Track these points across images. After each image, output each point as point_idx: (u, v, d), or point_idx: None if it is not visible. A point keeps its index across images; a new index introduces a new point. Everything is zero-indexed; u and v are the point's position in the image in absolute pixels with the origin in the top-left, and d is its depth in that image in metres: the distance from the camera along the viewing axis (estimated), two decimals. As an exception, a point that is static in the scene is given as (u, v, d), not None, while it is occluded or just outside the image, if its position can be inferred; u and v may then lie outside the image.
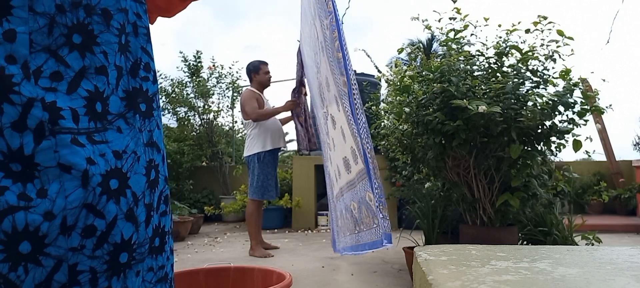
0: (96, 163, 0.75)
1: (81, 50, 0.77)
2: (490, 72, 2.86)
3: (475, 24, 2.96)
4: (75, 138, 0.73)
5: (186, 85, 7.43)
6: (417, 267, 1.02)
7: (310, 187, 6.47)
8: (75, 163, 0.72)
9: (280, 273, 1.91)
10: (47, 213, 0.69)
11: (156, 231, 0.85)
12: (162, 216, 0.87)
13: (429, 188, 3.54)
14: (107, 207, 0.75)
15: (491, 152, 2.72)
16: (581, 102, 2.62)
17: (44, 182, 0.69)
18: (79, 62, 0.76)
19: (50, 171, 0.70)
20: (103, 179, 0.75)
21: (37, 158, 0.69)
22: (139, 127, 0.84)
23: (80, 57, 0.77)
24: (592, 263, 0.98)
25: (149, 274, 0.83)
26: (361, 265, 3.62)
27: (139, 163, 0.82)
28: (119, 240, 0.76)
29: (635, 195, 6.41)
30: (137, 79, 0.86)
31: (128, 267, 0.79)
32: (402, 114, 3.02)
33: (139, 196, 0.81)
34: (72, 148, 0.72)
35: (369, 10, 24.40)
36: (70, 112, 0.73)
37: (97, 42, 0.79)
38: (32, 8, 0.71)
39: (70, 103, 0.74)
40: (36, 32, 0.72)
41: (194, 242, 5.10)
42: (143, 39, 0.88)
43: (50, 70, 0.73)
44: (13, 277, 0.65)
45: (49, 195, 0.69)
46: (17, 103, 0.68)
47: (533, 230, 2.96)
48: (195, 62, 7.46)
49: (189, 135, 7.42)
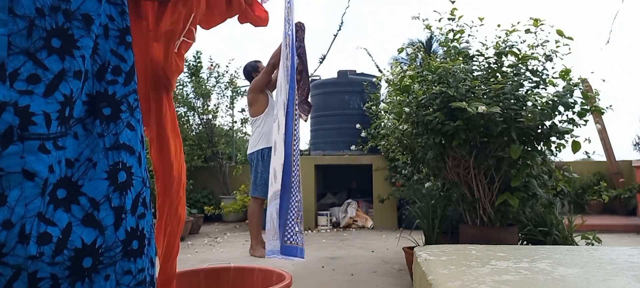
0: (54, 172, 0.75)
1: (61, 54, 0.77)
2: (489, 72, 2.86)
3: (471, 25, 2.96)
4: (43, 144, 0.73)
5: (185, 85, 7.43)
6: (417, 267, 1.02)
7: (310, 187, 6.47)
8: (38, 171, 0.72)
9: (280, 273, 1.91)
10: (5, 222, 0.68)
11: (132, 233, 0.84)
12: (139, 218, 0.86)
13: (429, 188, 3.54)
14: (56, 215, 0.75)
15: (491, 152, 2.72)
16: (581, 102, 2.62)
17: (4, 188, 0.68)
18: (59, 64, 0.76)
19: (12, 177, 0.69)
20: (53, 188, 0.75)
21: (2, 163, 0.68)
22: (98, 132, 0.84)
23: (60, 60, 0.77)
24: (592, 263, 0.98)
25: (125, 277, 0.82)
26: (361, 265, 3.63)
27: (95, 170, 0.81)
28: (79, 245, 0.76)
29: (635, 195, 6.41)
30: (103, 82, 0.85)
31: (94, 271, 0.79)
32: (402, 114, 3.02)
33: (99, 200, 0.80)
34: (38, 155, 0.72)
35: (369, 10, 24.41)
36: (43, 117, 0.73)
37: (77, 46, 0.79)
38: (12, 10, 0.71)
39: (46, 107, 0.74)
40: (15, 35, 0.71)
41: (194, 242, 5.10)
42: (114, 41, 0.88)
43: (28, 73, 0.73)
44: None
45: (8, 202, 0.68)
46: None
47: (533, 230, 2.95)
48: (195, 62, 7.46)
49: (188, 135, 7.42)
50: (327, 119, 6.68)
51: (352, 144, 6.29)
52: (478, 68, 2.92)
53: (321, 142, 6.75)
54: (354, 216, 6.27)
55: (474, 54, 2.95)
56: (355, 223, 6.24)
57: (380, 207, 6.22)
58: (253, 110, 4.27)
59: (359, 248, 4.50)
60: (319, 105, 6.78)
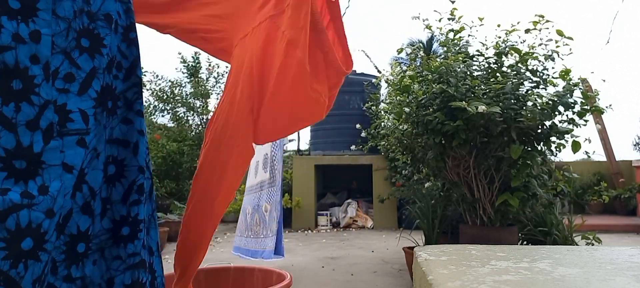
0: (83, 165, 0.80)
1: (91, 53, 0.82)
2: (489, 72, 2.86)
3: (471, 25, 2.97)
4: (82, 138, 0.79)
5: (184, 85, 7.44)
6: (417, 267, 1.02)
7: (310, 187, 6.47)
8: (75, 163, 0.77)
9: (280, 273, 1.91)
10: (48, 211, 0.72)
11: (123, 221, 0.88)
12: (131, 205, 0.89)
13: (429, 188, 3.54)
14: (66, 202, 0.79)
15: (491, 152, 2.72)
16: (581, 102, 2.62)
17: (45, 179, 0.73)
18: (90, 63, 0.82)
19: (53, 169, 0.74)
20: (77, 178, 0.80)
21: (45, 157, 0.73)
22: (103, 124, 0.88)
23: (90, 59, 0.82)
24: (592, 263, 0.98)
25: (115, 262, 0.87)
26: (361, 265, 3.63)
27: (98, 160, 0.86)
28: (75, 231, 0.80)
29: (635, 195, 6.41)
30: (110, 76, 0.90)
31: (85, 256, 0.83)
32: (402, 114, 3.02)
33: (96, 191, 0.84)
34: (76, 150, 0.77)
35: (369, 10, 24.41)
36: (80, 114, 0.79)
37: (104, 44, 0.84)
38: (55, 12, 0.76)
39: (81, 104, 0.79)
40: (57, 35, 0.77)
41: (194, 242, 5.10)
42: (119, 37, 0.92)
43: (65, 72, 0.79)
44: (14, 274, 0.68)
45: (50, 192, 0.73)
46: (35, 104, 0.73)
47: (533, 230, 2.95)
48: (194, 63, 7.46)
49: (188, 135, 7.43)
50: (327, 119, 6.66)
51: (352, 144, 6.29)
52: (478, 68, 2.92)
53: (321, 142, 6.75)
54: (354, 216, 6.27)
55: (474, 54, 2.95)
56: (355, 223, 6.24)
57: (380, 207, 6.21)
58: None
59: (359, 248, 4.50)
60: (319, 105, 6.78)
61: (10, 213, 0.69)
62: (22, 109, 0.71)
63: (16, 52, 0.71)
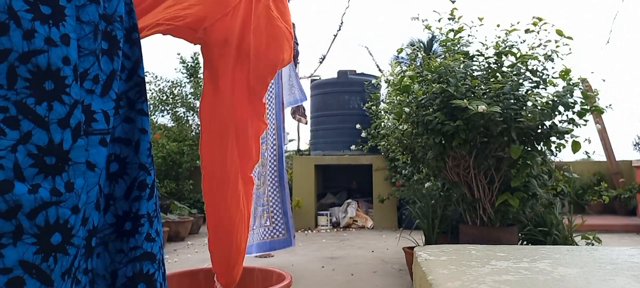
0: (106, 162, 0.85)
1: (110, 55, 0.86)
2: (489, 72, 2.86)
3: (471, 25, 2.96)
4: (104, 138, 0.84)
5: (184, 85, 7.43)
6: (417, 267, 1.02)
7: (310, 187, 6.47)
8: (98, 162, 0.82)
9: (280, 273, 1.91)
10: (74, 208, 0.77)
11: (125, 216, 0.92)
12: (133, 201, 0.93)
13: (429, 188, 3.54)
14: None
15: (491, 152, 2.72)
16: (581, 102, 2.62)
17: (71, 176, 0.77)
18: (109, 65, 0.86)
19: (78, 167, 0.78)
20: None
21: (71, 154, 0.77)
22: None
23: (110, 61, 0.86)
24: (592, 263, 0.98)
25: (118, 255, 0.92)
26: (361, 265, 3.63)
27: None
28: (91, 226, 0.85)
29: (635, 195, 6.41)
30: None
31: (94, 250, 0.89)
32: (402, 114, 3.02)
33: (102, 187, 0.89)
34: (98, 149, 0.82)
35: (369, 10, 24.38)
36: (102, 114, 0.84)
37: (120, 47, 0.88)
38: (79, 18, 0.81)
39: (103, 105, 0.84)
40: (83, 38, 0.81)
41: (194, 242, 5.10)
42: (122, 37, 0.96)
43: (94, 73, 0.83)
44: (44, 266, 0.73)
45: (75, 189, 0.77)
46: (66, 103, 0.76)
47: (533, 230, 2.95)
48: (193, 63, 7.46)
49: (188, 135, 7.42)
50: (327, 119, 6.68)
51: (352, 144, 6.29)
52: (478, 68, 2.92)
53: (321, 142, 6.75)
54: (354, 216, 6.27)
55: (473, 54, 2.95)
56: (355, 223, 6.24)
57: (380, 207, 6.22)
58: None
59: (359, 248, 4.50)
60: (319, 105, 6.78)
61: (40, 211, 0.73)
62: (54, 107, 0.75)
63: (48, 55, 0.75)
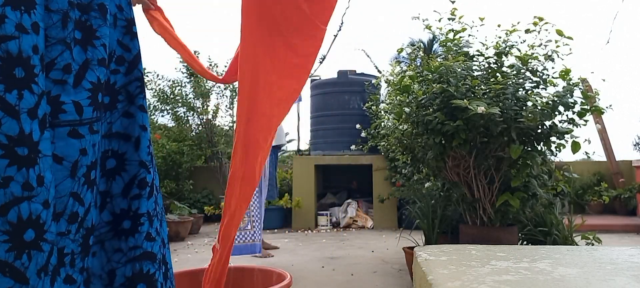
0: (87, 154, 0.81)
1: (83, 45, 0.82)
2: (490, 72, 2.86)
3: (471, 25, 2.96)
4: (75, 129, 0.80)
5: (184, 85, 7.43)
6: (417, 267, 1.02)
7: (310, 187, 6.47)
8: (67, 154, 0.78)
9: (280, 273, 1.91)
10: (45, 202, 0.74)
11: (123, 214, 0.89)
12: (133, 199, 0.90)
13: (429, 188, 3.54)
14: (87, 195, 0.82)
15: (491, 152, 2.72)
16: (581, 102, 2.62)
17: (41, 169, 0.74)
18: (82, 55, 0.82)
19: (45, 160, 0.75)
20: (87, 170, 0.81)
21: (40, 146, 0.75)
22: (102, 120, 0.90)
23: (83, 50, 0.82)
24: (592, 263, 0.98)
25: (116, 255, 0.88)
26: (361, 265, 3.63)
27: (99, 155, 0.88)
28: (90, 224, 0.83)
29: (635, 195, 6.41)
30: (107, 71, 0.89)
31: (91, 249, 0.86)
32: (402, 114, 3.02)
33: (97, 185, 0.87)
34: (67, 141, 0.78)
35: (369, 10, 24.41)
36: (73, 105, 0.80)
37: (97, 36, 0.84)
38: (47, 7, 0.78)
39: (75, 96, 0.80)
40: (51, 27, 0.78)
41: (194, 242, 5.10)
42: (120, 31, 0.92)
43: (64, 63, 0.79)
44: (18, 264, 0.70)
45: (45, 183, 0.74)
46: (35, 93, 0.74)
47: (533, 230, 2.95)
48: None
49: (188, 135, 7.42)
50: (327, 119, 6.68)
51: (352, 144, 6.29)
52: (478, 68, 2.92)
53: (321, 142, 6.75)
54: (354, 216, 6.27)
55: (474, 54, 2.95)
56: (355, 223, 6.24)
57: (380, 207, 6.21)
58: None
59: (359, 248, 4.50)
60: (319, 105, 6.78)
61: (11, 207, 0.70)
62: (24, 96, 0.72)
63: (19, 42, 0.72)
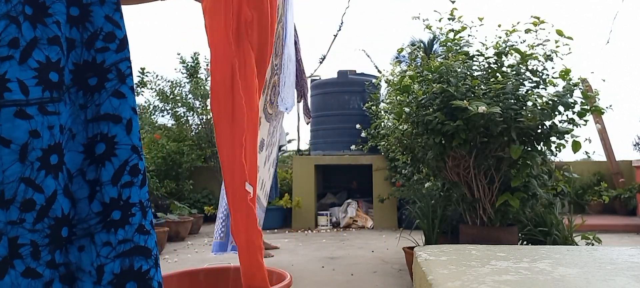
0: (40, 137, 0.75)
1: (33, 22, 0.77)
2: (490, 72, 2.86)
3: (471, 25, 2.97)
4: (22, 110, 0.74)
5: (184, 85, 7.43)
6: (417, 267, 1.02)
7: (310, 187, 6.47)
8: (15, 137, 0.73)
9: (280, 273, 1.90)
10: None
11: (112, 204, 0.82)
12: (123, 188, 0.83)
13: (429, 188, 3.54)
14: (46, 181, 0.76)
15: (491, 152, 2.72)
16: (581, 102, 2.62)
17: None
18: (31, 32, 0.77)
19: None
20: (43, 154, 0.75)
21: None
22: (80, 103, 0.83)
23: (32, 27, 0.77)
24: (592, 263, 0.98)
25: (105, 249, 0.81)
26: (361, 265, 3.63)
27: (73, 141, 0.82)
28: (59, 214, 0.77)
29: (635, 195, 6.41)
30: (92, 50, 0.85)
31: (69, 242, 0.80)
32: (402, 114, 3.02)
33: (73, 173, 0.81)
34: (14, 122, 0.73)
35: (369, 10, 24.41)
36: (18, 84, 0.74)
37: (49, 13, 0.79)
38: None
39: (20, 74, 0.75)
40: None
41: (194, 242, 5.10)
42: (110, 7, 0.87)
43: (10, 37, 0.74)
44: None
45: None
46: None
47: (533, 230, 2.95)
48: (193, 63, 7.45)
49: (188, 135, 7.42)
50: (327, 119, 6.68)
51: (352, 144, 6.29)
52: (478, 68, 2.92)
53: (321, 142, 6.75)
54: (354, 216, 6.27)
55: (474, 54, 2.95)
56: (355, 223, 6.24)
57: (380, 207, 6.22)
58: None
59: (359, 248, 4.50)
60: (319, 105, 6.78)
61: None
62: None
63: None
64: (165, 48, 27.10)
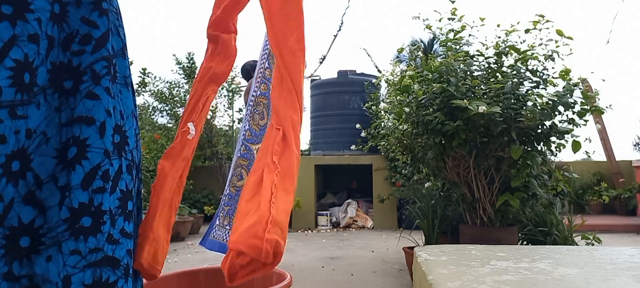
0: (7, 143, 0.71)
1: (12, 20, 0.73)
2: (489, 72, 2.86)
3: (471, 25, 2.97)
4: None
5: (182, 86, 7.43)
6: (417, 267, 1.02)
7: (310, 187, 6.47)
8: None
9: (280, 273, 1.90)
10: None
11: (82, 209, 0.77)
12: (95, 193, 0.78)
13: (429, 188, 3.54)
14: (6, 189, 0.71)
15: (491, 152, 2.72)
16: (581, 102, 2.62)
17: None
18: (9, 31, 0.72)
19: None
20: (6, 160, 0.71)
21: None
22: (56, 106, 0.79)
23: (11, 26, 0.73)
24: (592, 263, 0.98)
25: (72, 258, 0.76)
26: (361, 265, 3.63)
27: (47, 145, 0.77)
28: (15, 223, 0.73)
29: (635, 195, 6.41)
30: (68, 53, 0.81)
31: (34, 252, 0.75)
32: (402, 114, 3.02)
33: (43, 179, 0.76)
34: None
35: (369, 10, 24.40)
36: None
37: (31, 9, 0.75)
38: None
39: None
40: None
41: (194, 242, 5.10)
42: (86, 8, 0.83)
43: None
44: None
45: None
46: None
47: (533, 230, 2.95)
48: (189, 63, 7.45)
49: (188, 135, 7.42)
50: (327, 119, 6.68)
51: (352, 144, 6.30)
52: (478, 68, 2.92)
53: (321, 142, 6.75)
54: (354, 216, 6.27)
55: (474, 54, 2.95)
56: (355, 223, 6.24)
57: (380, 207, 6.22)
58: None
59: (359, 248, 4.50)
60: (319, 105, 6.78)
61: None
62: None
63: None
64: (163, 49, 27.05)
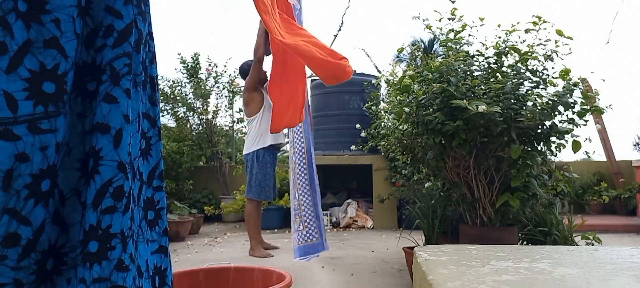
0: (30, 161, 0.65)
1: (27, 20, 0.66)
2: (489, 72, 2.86)
3: (471, 25, 2.97)
4: (8, 130, 0.63)
5: (184, 85, 7.43)
6: (417, 267, 1.02)
7: (310, 187, 6.46)
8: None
9: (280, 273, 1.91)
10: None
11: (91, 232, 0.69)
12: (103, 213, 0.70)
13: (429, 188, 3.54)
14: (34, 211, 0.65)
15: (491, 152, 2.72)
16: (581, 102, 2.62)
17: None
18: (24, 33, 0.65)
19: None
20: (33, 180, 0.65)
21: None
22: (78, 112, 0.72)
23: (25, 27, 0.66)
24: (592, 263, 0.98)
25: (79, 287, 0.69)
26: (361, 265, 3.63)
27: (70, 157, 0.71)
28: (46, 246, 0.67)
29: (635, 195, 6.41)
30: (91, 50, 0.73)
31: (56, 273, 0.70)
32: (402, 114, 3.02)
33: (66, 194, 0.70)
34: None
35: (369, 10, 24.40)
36: (5, 98, 0.64)
37: (47, 10, 0.67)
38: None
39: (7, 85, 0.64)
40: None
41: (194, 242, 5.10)
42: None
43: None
44: None
45: None
46: None
47: (533, 230, 2.95)
48: (193, 63, 7.45)
49: (188, 135, 7.43)
50: (327, 119, 6.68)
51: (352, 144, 6.30)
52: (478, 68, 2.92)
53: (321, 142, 6.75)
54: (354, 216, 6.27)
55: (474, 54, 2.95)
56: (355, 223, 6.24)
57: (380, 207, 6.21)
58: (249, 111, 4.23)
59: (359, 248, 4.50)
60: (319, 105, 6.78)
61: None
62: None
63: None
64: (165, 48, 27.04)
